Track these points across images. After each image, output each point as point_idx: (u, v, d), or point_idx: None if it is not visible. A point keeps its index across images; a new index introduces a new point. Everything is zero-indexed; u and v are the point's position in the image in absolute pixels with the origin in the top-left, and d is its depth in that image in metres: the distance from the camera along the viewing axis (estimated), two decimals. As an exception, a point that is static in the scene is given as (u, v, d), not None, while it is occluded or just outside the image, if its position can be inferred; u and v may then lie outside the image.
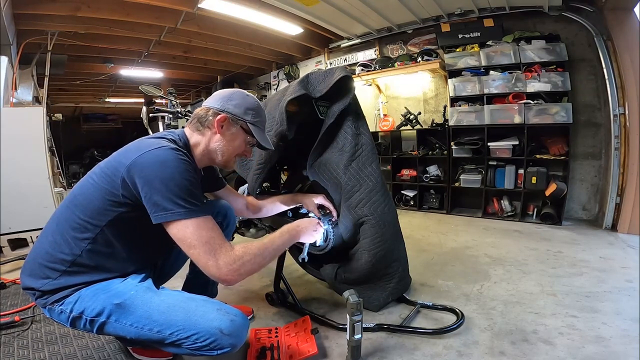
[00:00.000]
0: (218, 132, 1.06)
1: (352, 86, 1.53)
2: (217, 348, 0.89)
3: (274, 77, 5.65)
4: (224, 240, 0.92)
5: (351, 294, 1.15)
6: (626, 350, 1.20)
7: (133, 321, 0.91)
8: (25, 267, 0.98)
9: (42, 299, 0.95)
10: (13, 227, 2.51)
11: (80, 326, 0.95)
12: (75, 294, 0.94)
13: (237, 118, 1.08)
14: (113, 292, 0.94)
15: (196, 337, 0.88)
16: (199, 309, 0.92)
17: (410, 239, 2.64)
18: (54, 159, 3.79)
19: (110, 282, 0.97)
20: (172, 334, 0.89)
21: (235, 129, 1.09)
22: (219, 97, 1.09)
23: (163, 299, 0.95)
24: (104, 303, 0.92)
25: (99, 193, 0.93)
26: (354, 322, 1.13)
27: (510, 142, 3.17)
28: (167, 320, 0.90)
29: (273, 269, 1.65)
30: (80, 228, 0.93)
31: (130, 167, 0.89)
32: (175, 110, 2.51)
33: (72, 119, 8.82)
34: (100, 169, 0.97)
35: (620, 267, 1.98)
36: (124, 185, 0.90)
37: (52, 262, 0.93)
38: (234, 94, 1.10)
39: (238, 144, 1.11)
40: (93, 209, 0.93)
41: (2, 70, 2.65)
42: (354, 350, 1.18)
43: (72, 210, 0.96)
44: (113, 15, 3.28)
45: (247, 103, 1.10)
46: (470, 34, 3.46)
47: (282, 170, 1.91)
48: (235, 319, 0.92)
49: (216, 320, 0.90)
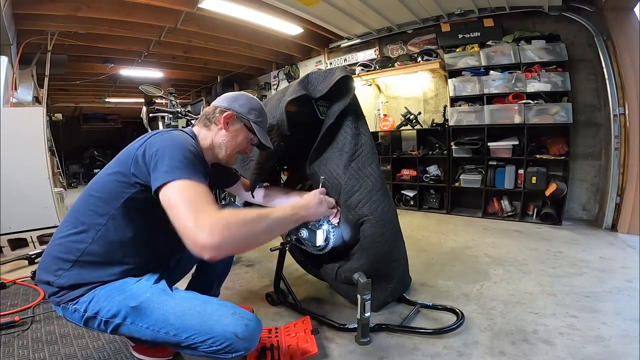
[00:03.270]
0: (224, 127, 1.14)
1: (352, 86, 1.53)
2: (231, 352, 0.90)
3: (274, 77, 5.65)
4: (210, 202, 0.84)
5: (360, 275, 1.25)
6: (626, 350, 1.20)
7: (149, 324, 0.92)
8: (41, 262, 1.01)
9: (56, 296, 0.96)
10: (13, 227, 2.52)
11: (94, 326, 0.96)
12: (89, 293, 0.95)
13: (242, 116, 1.17)
14: (128, 294, 0.94)
15: (212, 341, 0.89)
16: (215, 313, 0.93)
17: (410, 239, 2.64)
18: (54, 159, 3.79)
19: (125, 282, 0.98)
20: (188, 337, 0.90)
21: (239, 126, 1.17)
22: (226, 98, 1.19)
23: (178, 302, 0.95)
24: (120, 305, 0.93)
25: (112, 177, 0.97)
26: (364, 300, 1.22)
27: (510, 142, 3.17)
28: (183, 324, 0.91)
29: (273, 269, 1.66)
30: (92, 214, 0.97)
31: (143, 144, 0.95)
32: (175, 110, 2.51)
33: (72, 119, 8.81)
34: (115, 158, 1.02)
35: (620, 267, 1.98)
36: (135, 162, 0.93)
37: (64, 252, 0.96)
38: (239, 96, 1.21)
39: (240, 140, 1.18)
40: (106, 193, 0.97)
41: (2, 70, 2.65)
42: (364, 328, 1.26)
43: (86, 199, 1.00)
44: (113, 15, 3.28)
45: (251, 104, 1.19)
46: (470, 34, 3.46)
47: (282, 170, 1.91)
48: (249, 323, 0.93)
49: (232, 325, 0.90)
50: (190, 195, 0.83)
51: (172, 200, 0.83)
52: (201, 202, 0.83)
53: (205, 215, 0.80)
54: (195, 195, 0.84)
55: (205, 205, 0.82)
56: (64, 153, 6.03)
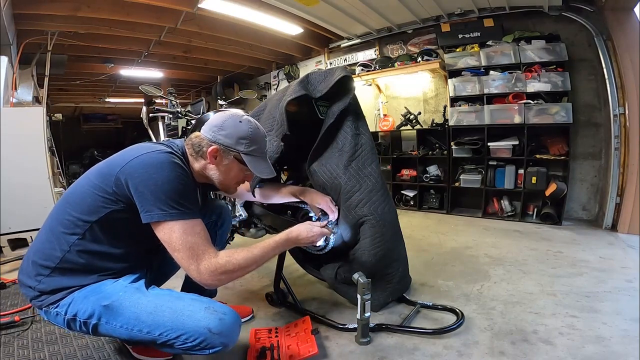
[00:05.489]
0: (212, 163, 1.04)
1: (352, 86, 1.53)
2: (207, 347, 0.89)
3: (274, 77, 5.65)
4: (208, 246, 0.93)
5: (360, 275, 1.25)
6: (626, 350, 1.20)
7: (122, 322, 0.92)
8: (22, 266, 1.00)
9: (38, 300, 0.96)
10: (13, 227, 2.51)
11: (77, 328, 0.95)
12: (69, 296, 0.95)
13: (230, 149, 1.03)
14: (103, 294, 0.94)
15: (185, 337, 0.89)
16: (187, 308, 0.92)
17: (410, 239, 2.64)
18: (54, 159, 3.78)
19: (103, 284, 0.97)
20: (161, 334, 0.90)
21: (228, 160, 1.05)
22: (212, 126, 1.03)
23: (151, 299, 0.95)
24: (94, 305, 0.93)
25: (92, 190, 0.94)
26: (364, 300, 1.22)
27: (510, 142, 3.17)
28: (155, 321, 0.90)
29: (273, 269, 1.65)
30: (70, 224, 0.94)
31: (125, 167, 0.91)
32: (175, 110, 2.51)
33: (72, 119, 8.80)
34: (97, 169, 0.99)
35: (620, 267, 1.98)
36: (117, 183, 0.91)
37: (43, 259, 0.95)
38: (225, 122, 1.03)
39: (234, 174, 1.08)
40: (85, 205, 0.94)
41: (2, 70, 2.65)
42: (364, 328, 1.25)
43: (64, 207, 0.97)
44: (113, 15, 3.28)
45: (239, 132, 1.02)
46: (470, 34, 3.46)
47: (282, 170, 1.91)
48: (224, 317, 0.92)
49: (204, 320, 0.90)
50: (188, 241, 0.90)
51: (173, 244, 0.91)
52: (200, 248, 0.92)
53: (207, 264, 0.91)
54: (192, 240, 0.91)
55: (204, 251, 0.92)
56: (64, 153, 6.01)
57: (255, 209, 1.93)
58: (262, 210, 1.86)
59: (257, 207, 1.90)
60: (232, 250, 0.97)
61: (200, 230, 0.94)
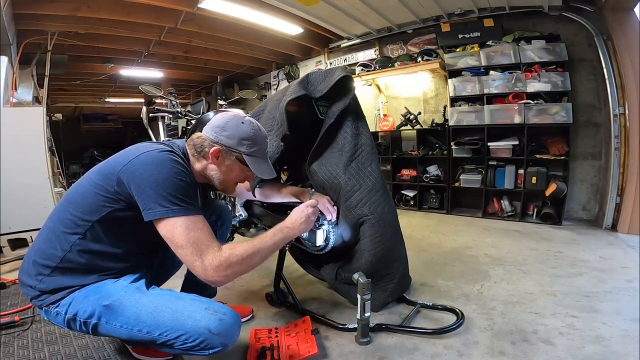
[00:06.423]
0: (214, 163, 1.06)
1: (352, 86, 1.53)
2: (207, 348, 0.89)
3: (274, 77, 5.65)
4: (211, 241, 0.93)
5: (360, 275, 1.25)
6: (626, 350, 1.20)
7: (122, 322, 0.92)
8: (23, 265, 1.00)
9: (38, 299, 0.96)
10: (13, 227, 2.51)
11: (77, 328, 0.95)
12: (69, 296, 0.95)
13: (231, 150, 1.05)
14: (103, 294, 0.94)
15: (185, 338, 0.89)
16: (187, 308, 0.92)
17: (410, 239, 2.64)
18: (54, 159, 3.78)
19: (103, 283, 0.98)
20: (161, 334, 0.90)
21: (230, 160, 1.07)
22: (214, 126, 1.05)
23: (151, 299, 0.95)
24: (94, 305, 0.93)
25: (93, 190, 0.94)
26: (364, 300, 1.22)
27: (510, 142, 3.17)
28: (154, 321, 0.90)
29: (273, 269, 1.65)
30: (71, 224, 0.94)
31: (127, 166, 0.92)
32: (175, 110, 2.51)
33: (72, 119, 8.80)
34: (98, 168, 0.99)
35: (620, 267, 1.98)
36: (119, 182, 0.92)
37: (44, 258, 0.95)
38: (227, 123, 1.05)
39: (235, 175, 1.10)
40: (86, 204, 0.94)
41: (2, 70, 2.65)
42: (364, 328, 1.25)
43: (65, 207, 0.97)
44: (113, 15, 3.28)
45: (241, 133, 1.04)
46: (470, 34, 3.46)
47: (282, 170, 1.91)
48: (224, 317, 0.92)
49: (204, 320, 0.90)
50: (193, 237, 0.90)
51: (176, 240, 0.90)
52: (204, 242, 0.91)
53: (211, 258, 0.90)
54: (196, 235, 0.91)
55: (208, 245, 0.91)
56: (64, 153, 6.00)
57: (255, 209, 1.93)
58: (262, 210, 1.86)
59: (257, 207, 1.90)
60: (232, 244, 0.98)
61: (203, 225, 0.94)
